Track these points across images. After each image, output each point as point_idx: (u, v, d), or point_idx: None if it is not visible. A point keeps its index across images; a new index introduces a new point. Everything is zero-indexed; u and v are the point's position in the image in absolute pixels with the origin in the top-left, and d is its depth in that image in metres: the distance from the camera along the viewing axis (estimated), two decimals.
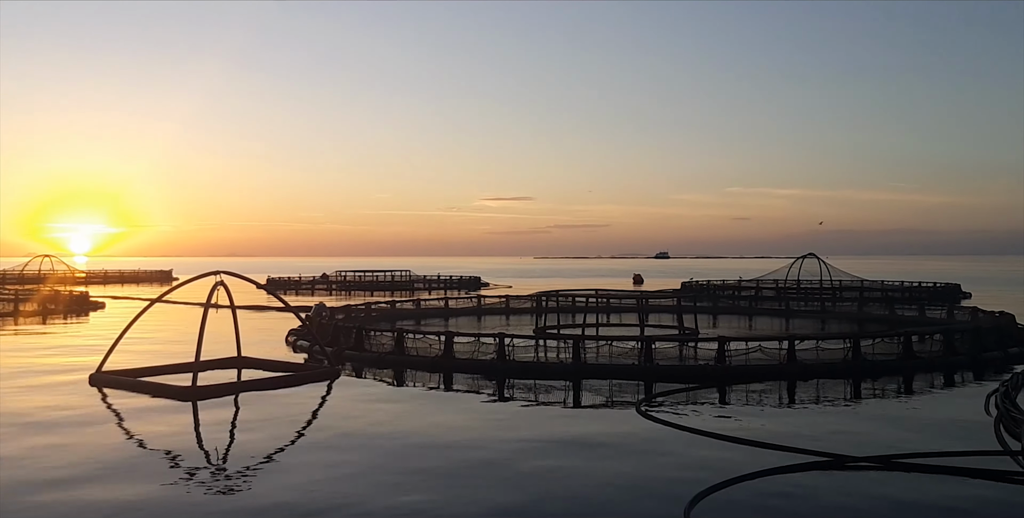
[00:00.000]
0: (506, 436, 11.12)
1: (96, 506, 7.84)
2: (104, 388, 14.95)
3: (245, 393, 14.41)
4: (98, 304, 39.46)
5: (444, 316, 32.77)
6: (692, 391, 14.80)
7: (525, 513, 7.71)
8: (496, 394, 14.87)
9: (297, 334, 22.85)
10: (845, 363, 16.89)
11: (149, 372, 16.04)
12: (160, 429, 11.56)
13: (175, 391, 14.12)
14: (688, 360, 17.11)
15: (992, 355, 18.55)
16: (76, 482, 8.69)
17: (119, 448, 10.42)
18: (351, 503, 7.92)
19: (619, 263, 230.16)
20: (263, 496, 8.16)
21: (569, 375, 16.34)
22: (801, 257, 53.47)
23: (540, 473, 9.13)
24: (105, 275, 78.96)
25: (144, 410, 13.05)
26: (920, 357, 17.66)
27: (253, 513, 7.65)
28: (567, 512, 7.75)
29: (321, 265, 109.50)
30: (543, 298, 29.75)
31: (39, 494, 8.25)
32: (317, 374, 16.39)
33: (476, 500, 8.07)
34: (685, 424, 11.46)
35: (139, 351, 19.35)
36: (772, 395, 14.62)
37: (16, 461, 9.60)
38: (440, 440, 10.81)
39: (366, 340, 19.70)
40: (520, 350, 17.72)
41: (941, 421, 12.32)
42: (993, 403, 12.98)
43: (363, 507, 7.81)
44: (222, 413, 12.88)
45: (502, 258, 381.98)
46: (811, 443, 10.15)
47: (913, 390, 15.61)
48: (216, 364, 16.75)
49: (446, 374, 16.77)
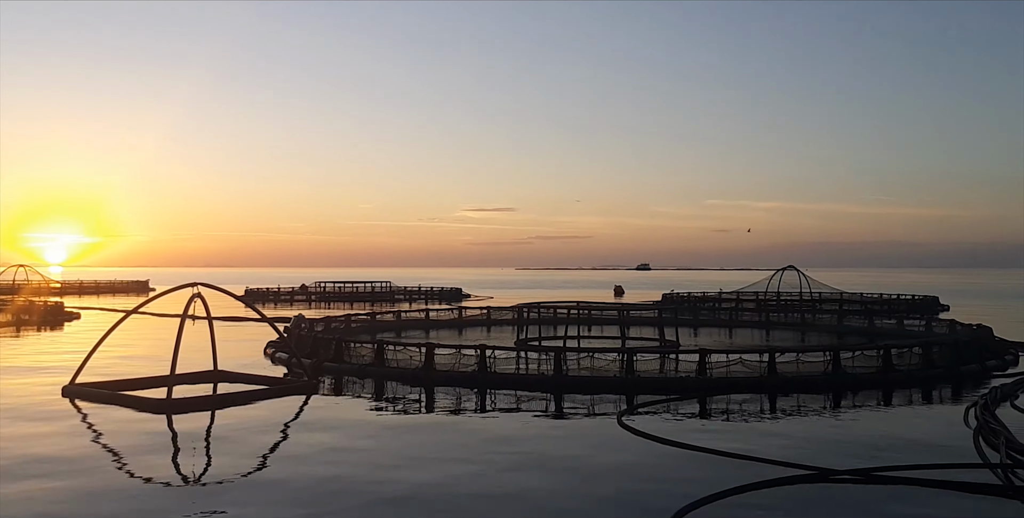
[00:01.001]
0: (483, 449, 11.00)
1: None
2: (77, 400, 14.70)
3: (221, 407, 14.20)
4: (73, 315, 38.97)
5: (425, 328, 32.59)
6: (673, 403, 14.76)
7: None
8: (477, 406, 14.76)
9: (275, 346, 22.61)
10: (825, 376, 16.91)
11: (124, 385, 15.79)
12: (133, 443, 11.35)
13: (150, 404, 13.90)
14: (669, 372, 17.08)
15: (970, 368, 18.65)
16: (45, 496, 8.48)
17: (91, 461, 10.20)
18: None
19: (600, 274, 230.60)
20: (236, 514, 8.00)
21: (550, 387, 16.25)
22: (781, 269, 53.76)
23: (519, 488, 9.02)
24: (81, 285, 78.05)
25: (117, 423, 12.82)
26: (899, 370, 17.72)
27: None
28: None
29: (300, 276, 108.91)
30: (525, 310, 29.67)
31: (5, 507, 8.04)
32: (295, 388, 16.19)
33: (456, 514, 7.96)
34: (667, 437, 11.39)
35: (114, 363, 19.07)
36: (753, 407, 14.60)
37: None
38: (414, 462, 10.68)
39: (346, 352, 19.52)
40: (501, 362, 17.63)
41: (921, 434, 12.32)
42: (972, 415, 13.01)
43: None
44: (197, 427, 12.67)
45: (484, 269, 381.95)
46: (793, 456, 10.11)
47: (893, 403, 15.65)
48: (192, 377, 16.52)
49: (427, 386, 16.63)
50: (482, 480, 9.34)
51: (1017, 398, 14.97)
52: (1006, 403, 14.36)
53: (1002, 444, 10.46)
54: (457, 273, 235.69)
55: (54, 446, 11.04)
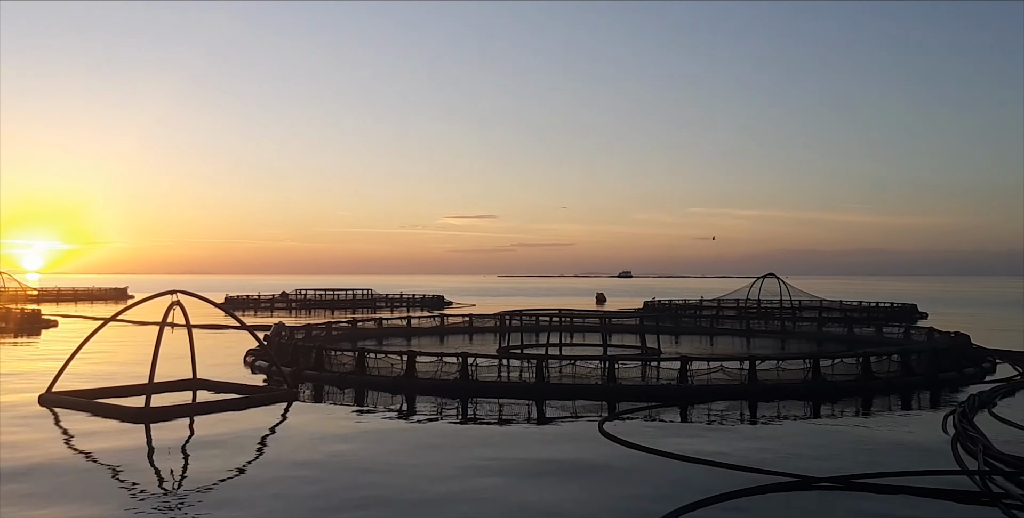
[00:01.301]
0: (464, 456, 10.96)
1: None
2: (54, 409, 14.53)
3: (200, 415, 14.08)
4: (50, 323, 38.57)
5: (406, 335, 32.50)
6: (655, 411, 14.77)
7: None
8: (458, 414, 14.73)
9: (255, 354, 22.46)
10: (805, 383, 17.00)
11: (101, 393, 15.63)
12: (111, 452, 11.22)
13: (128, 413, 13.76)
14: (651, 380, 17.12)
15: (948, 375, 18.82)
16: (22, 505, 8.36)
17: (68, 471, 10.07)
18: None
19: (582, 282, 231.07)
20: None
21: (532, 395, 16.23)
22: (761, 277, 54.11)
23: (500, 496, 8.99)
24: (58, 293, 77.30)
25: (95, 432, 12.67)
26: (878, 377, 17.84)
27: None
28: None
29: (281, 283, 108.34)
30: (506, 317, 29.65)
31: None
32: (274, 396, 16.08)
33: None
34: (648, 445, 11.40)
35: (92, 371, 18.87)
36: (734, 415, 14.64)
37: None
38: (397, 469, 10.63)
39: (326, 360, 19.42)
40: (483, 370, 17.59)
41: (900, 441, 12.40)
42: (951, 423, 13.12)
43: None
44: (175, 436, 12.55)
45: (465, 276, 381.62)
46: (774, 464, 10.15)
47: (872, 410, 15.75)
48: (171, 386, 16.39)
49: (408, 394, 16.57)
50: (462, 487, 9.30)
51: (995, 405, 15.12)
52: (984, 410, 14.48)
53: (980, 451, 10.55)
54: (439, 281, 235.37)
55: (30, 455, 10.89)
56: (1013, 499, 8.56)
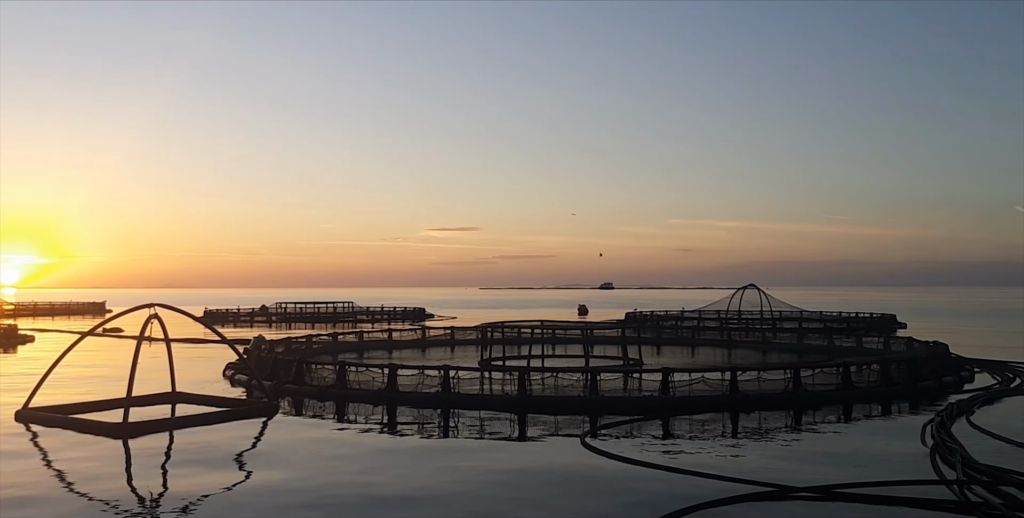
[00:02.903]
0: (445, 468, 10.92)
1: None
2: (31, 425, 14.35)
3: (179, 430, 13.95)
4: (27, 337, 38.13)
5: (388, 348, 32.37)
6: (637, 423, 14.78)
7: None
8: (440, 427, 14.67)
9: (235, 368, 22.30)
10: (786, 393, 17.07)
11: (79, 408, 15.45)
12: (89, 468, 11.08)
13: (105, 428, 13.60)
14: (633, 391, 17.14)
15: (927, 384, 18.97)
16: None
17: (44, 488, 9.94)
18: None
19: (564, 294, 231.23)
20: None
21: (514, 407, 16.20)
22: (742, 288, 54.39)
23: (482, 508, 8.96)
24: (35, 307, 76.37)
25: (73, 448, 12.52)
26: (858, 387, 17.95)
27: None
28: None
29: (261, 297, 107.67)
30: (488, 329, 29.60)
31: None
32: (254, 410, 15.95)
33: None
34: (630, 456, 11.41)
35: (69, 386, 18.66)
36: (715, 425, 14.67)
37: None
38: (378, 485, 10.57)
39: (307, 373, 19.30)
40: (465, 382, 17.54)
41: (879, 451, 12.47)
42: (929, 433, 13.20)
43: None
44: (154, 451, 12.41)
45: (447, 288, 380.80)
46: (754, 474, 10.17)
47: (852, 420, 15.83)
48: (149, 400, 16.23)
49: (390, 407, 16.49)
50: (444, 498, 9.25)
51: (973, 414, 15.24)
52: (962, 419, 14.60)
53: (958, 461, 10.63)
54: (420, 293, 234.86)
55: (6, 472, 10.74)
56: (991, 508, 8.62)
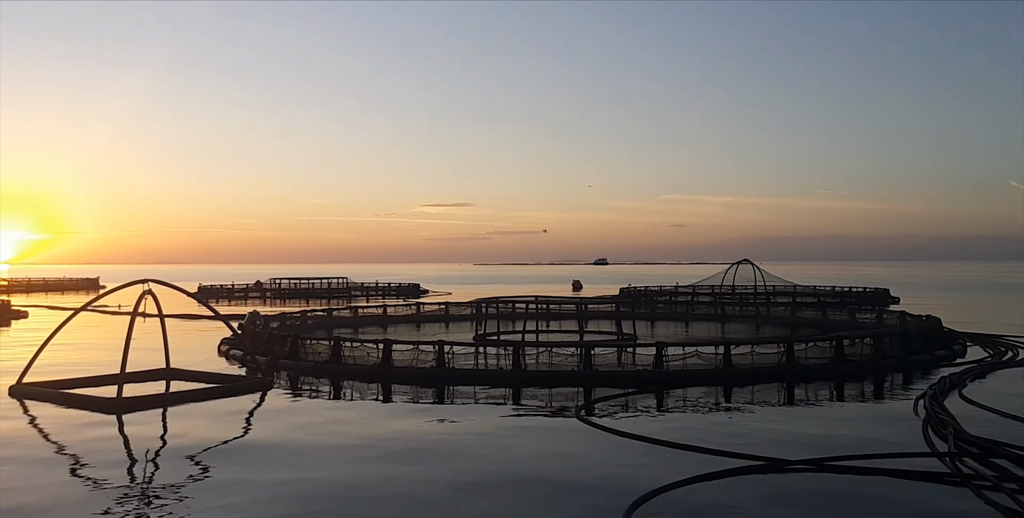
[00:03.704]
0: (441, 443, 10.96)
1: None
2: (25, 400, 14.34)
3: (174, 406, 13.96)
4: (21, 313, 38.07)
5: (382, 324, 32.39)
6: (631, 396, 14.83)
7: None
8: (435, 402, 14.71)
9: (230, 344, 22.30)
10: (779, 367, 17.14)
11: (73, 384, 15.44)
12: (83, 443, 11.09)
13: (100, 403, 13.60)
14: (627, 365, 17.20)
15: (920, 358, 19.06)
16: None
17: (40, 463, 9.95)
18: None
19: (558, 269, 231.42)
20: (188, 515, 7.87)
21: (509, 382, 16.24)
22: (736, 263, 54.49)
23: (476, 481, 8.99)
24: (29, 283, 76.23)
25: (67, 423, 12.52)
26: (851, 360, 18.03)
27: None
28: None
29: (255, 272, 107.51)
30: (483, 305, 29.62)
31: None
32: (249, 385, 15.97)
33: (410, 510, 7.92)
34: (624, 430, 11.45)
35: (63, 362, 18.64)
36: (709, 399, 14.74)
37: None
38: (371, 456, 10.60)
39: (302, 349, 19.31)
40: (460, 357, 17.57)
41: (872, 423, 12.54)
42: (921, 406, 13.29)
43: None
44: (149, 426, 12.43)
45: (441, 264, 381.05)
46: (747, 447, 10.22)
47: (845, 393, 15.92)
48: (144, 376, 16.22)
49: (384, 383, 16.52)
50: (441, 473, 9.29)
51: (965, 387, 15.33)
52: (954, 392, 14.69)
53: (950, 434, 10.69)
54: (415, 269, 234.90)
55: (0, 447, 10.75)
56: (983, 480, 8.68)
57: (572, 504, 8.14)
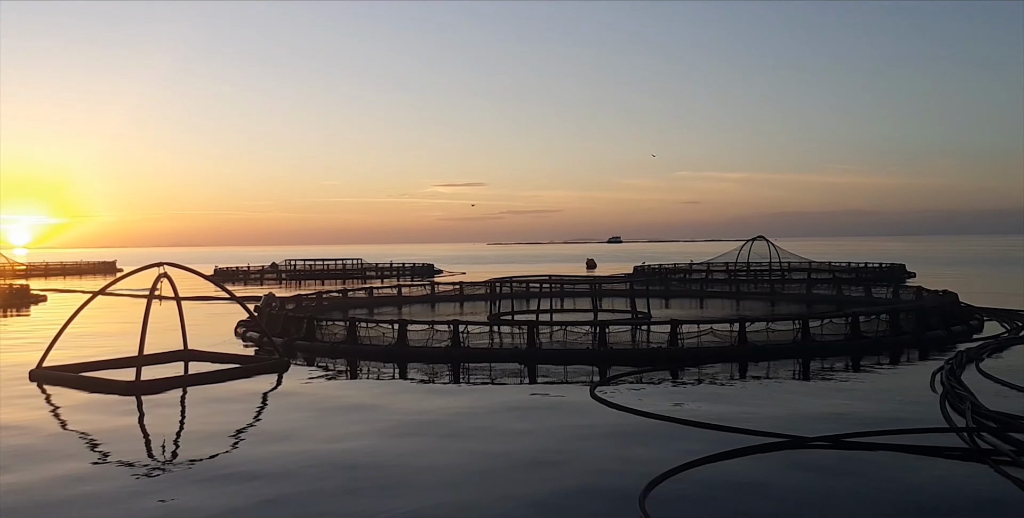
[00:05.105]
0: (458, 423, 11.01)
1: (40, 504, 7.56)
2: (45, 384, 14.49)
3: (192, 387, 14.08)
4: (39, 297, 38.39)
5: (397, 304, 32.50)
6: (645, 374, 14.84)
7: (478, 506, 7.61)
8: (451, 381, 14.77)
9: (246, 326, 22.43)
10: (795, 344, 17.10)
11: (92, 367, 15.58)
12: (103, 425, 11.21)
13: (118, 386, 13.73)
14: (641, 344, 17.20)
15: (936, 334, 18.95)
16: (15, 481, 8.36)
17: (60, 445, 10.08)
18: (304, 501, 7.75)
19: (572, 248, 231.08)
20: (212, 496, 7.95)
21: (524, 360, 16.28)
22: (751, 240, 54.20)
23: (491, 459, 9.04)
24: (46, 267, 76.84)
25: (86, 406, 12.66)
26: (867, 337, 17.96)
27: (201, 514, 7.43)
28: (519, 497, 7.65)
29: (270, 254, 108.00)
30: (497, 284, 29.65)
31: None
32: (266, 366, 16.08)
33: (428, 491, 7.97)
34: (639, 408, 11.46)
35: (82, 345, 18.80)
36: (724, 377, 14.73)
37: None
38: (390, 444, 10.67)
39: (318, 330, 19.41)
40: (475, 337, 17.62)
41: (889, 399, 12.50)
42: (939, 381, 13.23)
43: (315, 505, 7.66)
44: (167, 408, 12.55)
45: (455, 245, 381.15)
46: (764, 424, 10.21)
47: (861, 369, 15.86)
48: (162, 358, 16.35)
49: (400, 363, 16.60)
50: (458, 452, 9.34)
51: (982, 362, 15.25)
52: (971, 367, 14.61)
53: (968, 409, 10.65)
54: (428, 249, 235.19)
55: (20, 432, 10.88)
56: (1001, 455, 8.65)
57: (588, 483, 8.16)
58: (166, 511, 7.42)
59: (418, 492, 7.90)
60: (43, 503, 7.71)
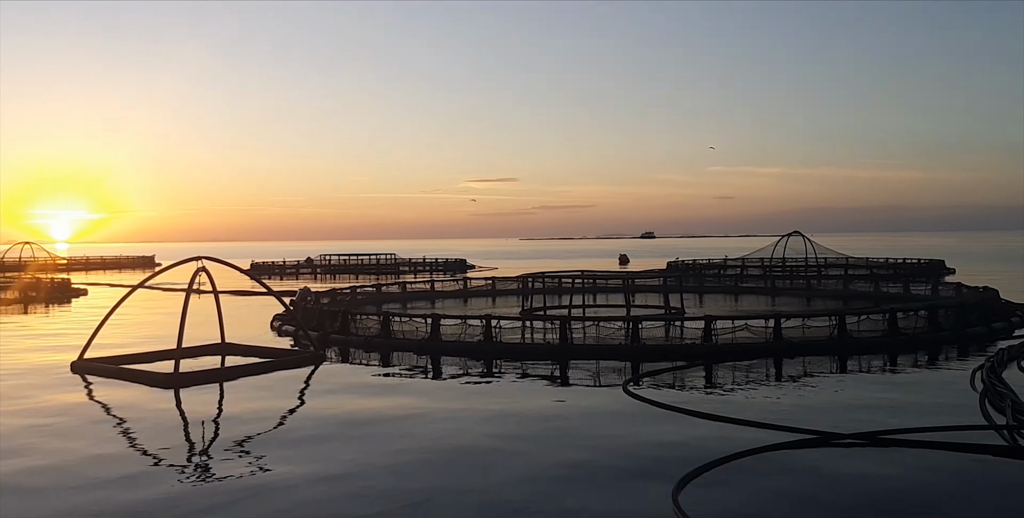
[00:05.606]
0: (490, 418, 11.04)
1: (79, 495, 7.72)
2: (86, 375, 14.79)
3: (229, 380, 14.27)
4: (80, 291, 39.11)
5: (430, 299, 32.66)
6: (679, 370, 14.77)
7: (512, 500, 7.64)
8: (483, 375, 14.83)
9: (282, 319, 22.69)
10: (831, 340, 16.91)
11: (131, 359, 15.87)
12: (142, 417, 11.42)
13: (157, 378, 13.96)
14: (674, 339, 17.11)
15: (976, 330, 18.63)
16: (57, 471, 8.56)
17: (100, 436, 10.27)
18: (342, 502, 7.84)
19: (604, 244, 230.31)
20: (246, 486, 8.07)
21: (556, 356, 16.29)
22: (786, 235, 53.60)
23: (525, 454, 9.06)
24: (87, 262, 78.27)
25: (125, 397, 12.89)
26: (905, 333, 17.71)
27: (237, 504, 7.55)
28: (555, 493, 7.67)
29: (305, 249, 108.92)
30: (529, 280, 29.65)
31: (20, 495, 8.12)
32: (302, 359, 16.26)
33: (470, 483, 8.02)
34: (672, 403, 11.42)
35: (121, 338, 19.16)
36: (758, 373, 14.61)
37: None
38: (424, 427, 10.74)
39: (352, 324, 19.58)
40: (507, 331, 17.67)
41: (927, 396, 12.34)
42: (979, 378, 13.02)
43: (353, 496, 7.74)
44: (205, 400, 12.74)
45: (487, 240, 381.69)
46: (798, 421, 10.13)
47: (898, 366, 15.65)
48: (199, 351, 16.60)
49: (433, 356, 16.69)
50: (492, 444, 9.38)
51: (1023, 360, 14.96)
52: (1012, 365, 14.34)
53: (1008, 406, 10.47)
54: (461, 244, 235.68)
55: (63, 421, 11.12)
56: None
57: (622, 478, 8.16)
58: (204, 501, 7.56)
59: (449, 480, 7.96)
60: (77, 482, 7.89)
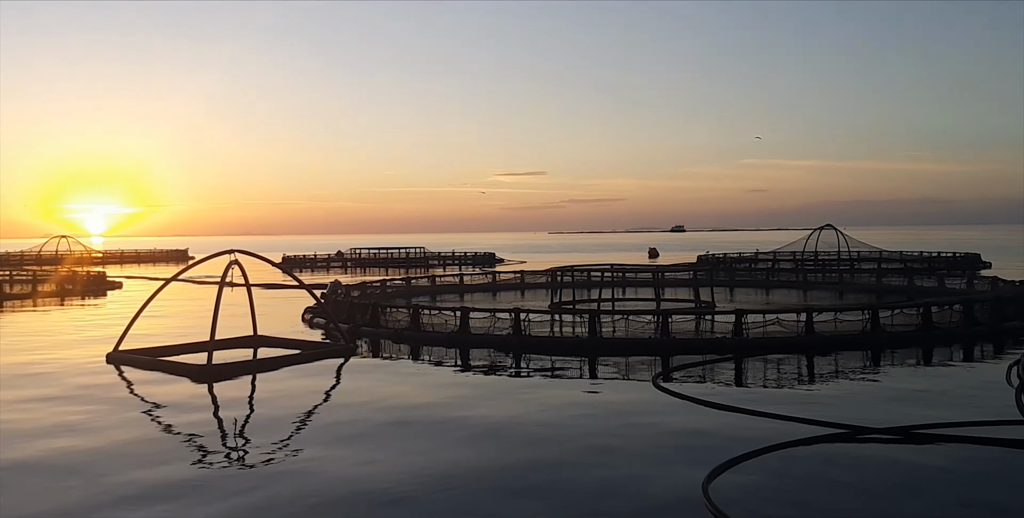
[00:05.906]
0: (520, 411, 11.08)
1: (115, 487, 7.86)
2: (121, 367, 15.03)
3: (262, 372, 14.45)
4: (115, 284, 39.69)
5: (459, 292, 32.75)
6: (709, 364, 14.71)
7: (544, 489, 7.67)
8: (512, 368, 14.86)
9: (313, 312, 22.89)
10: (864, 334, 16.73)
11: (165, 351, 16.10)
12: (176, 408, 11.58)
13: (191, 370, 14.17)
14: (705, 333, 17.03)
15: (1013, 325, 18.32)
16: (93, 463, 8.72)
17: (136, 427, 10.44)
18: (375, 481, 7.91)
19: (634, 237, 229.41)
20: (282, 479, 8.17)
21: (585, 350, 16.27)
22: (818, 228, 53.10)
23: (555, 449, 9.08)
24: (122, 255, 79.49)
25: (160, 389, 13.08)
26: (940, 328, 17.47)
27: (273, 496, 7.64)
28: (584, 488, 7.69)
29: (336, 243, 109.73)
30: (558, 273, 29.63)
31: (56, 475, 8.28)
32: (333, 351, 16.41)
33: (494, 474, 8.05)
34: (702, 397, 11.38)
35: (156, 330, 19.44)
36: (790, 367, 14.51)
37: (34, 441, 9.64)
38: (454, 415, 10.79)
39: (382, 317, 19.70)
40: (536, 325, 17.68)
41: (961, 391, 12.18)
42: (1015, 373, 12.82)
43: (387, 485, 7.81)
44: (238, 392, 12.90)
45: (516, 234, 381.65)
46: (829, 415, 10.04)
47: (933, 361, 15.46)
48: (232, 343, 16.79)
49: (462, 349, 16.76)
50: (522, 430, 9.41)
51: None
52: None
53: None
54: (490, 238, 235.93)
55: (98, 410, 11.32)
56: None
57: (651, 472, 8.15)
58: (240, 494, 7.66)
59: (476, 474, 8.00)
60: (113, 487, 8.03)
